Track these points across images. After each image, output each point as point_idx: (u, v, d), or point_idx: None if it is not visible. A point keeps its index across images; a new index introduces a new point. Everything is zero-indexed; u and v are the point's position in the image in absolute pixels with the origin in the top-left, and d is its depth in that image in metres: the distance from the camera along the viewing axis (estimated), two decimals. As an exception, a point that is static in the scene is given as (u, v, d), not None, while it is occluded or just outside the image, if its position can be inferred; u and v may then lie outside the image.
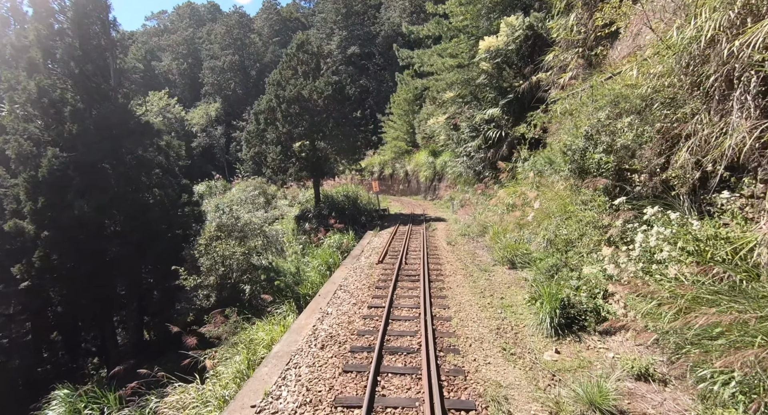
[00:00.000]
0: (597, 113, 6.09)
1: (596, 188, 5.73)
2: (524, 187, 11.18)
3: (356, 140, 19.87)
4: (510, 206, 11.20)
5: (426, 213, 20.50)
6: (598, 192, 5.73)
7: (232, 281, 11.01)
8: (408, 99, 35.72)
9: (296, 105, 18.01)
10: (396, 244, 12.11)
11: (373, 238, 14.18)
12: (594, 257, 5.51)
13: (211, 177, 44.11)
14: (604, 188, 5.63)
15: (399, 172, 34.97)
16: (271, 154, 17.69)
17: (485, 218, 12.16)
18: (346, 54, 53.19)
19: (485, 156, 13.90)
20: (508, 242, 9.13)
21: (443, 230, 14.36)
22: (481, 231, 11.98)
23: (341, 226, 16.66)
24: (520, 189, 11.11)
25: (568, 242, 7.04)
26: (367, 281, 7.97)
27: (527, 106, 12.74)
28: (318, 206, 19.46)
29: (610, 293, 4.85)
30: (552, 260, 7.03)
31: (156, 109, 54.67)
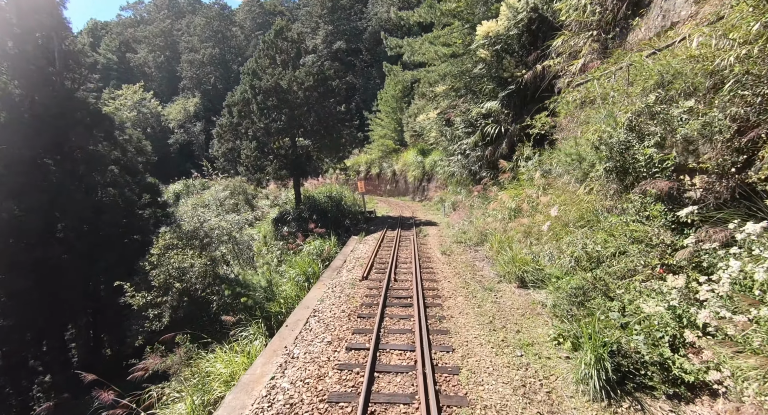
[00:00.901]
0: (643, 97, 4.72)
1: (647, 193, 4.37)
2: (530, 189, 9.84)
3: (340, 137, 18.29)
4: (514, 211, 9.84)
5: (415, 216, 19.07)
6: (649, 198, 4.37)
7: (189, 298, 9.32)
8: (396, 95, 34.29)
9: (274, 97, 16.32)
10: (383, 253, 10.61)
11: (357, 245, 12.65)
12: (649, 286, 4.12)
13: (189, 175, 41.75)
14: (659, 194, 4.27)
15: (386, 171, 33.51)
16: (246, 151, 15.94)
17: (484, 224, 10.78)
18: (332, 49, 51.42)
19: (482, 154, 12.54)
20: (516, 254, 7.74)
21: (436, 236, 12.94)
22: (480, 239, 10.60)
23: (322, 230, 15.06)
24: (525, 192, 9.76)
25: (596, 260, 5.68)
26: (348, 305, 6.44)
27: (530, 98, 11.43)
28: (298, 208, 17.80)
29: (685, 341, 3.46)
30: (575, 280, 5.66)
31: (130, 103, 51.84)
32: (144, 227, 14.24)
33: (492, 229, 9.97)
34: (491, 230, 10.00)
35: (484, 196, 12.52)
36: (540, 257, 7.14)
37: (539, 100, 11.45)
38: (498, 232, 9.51)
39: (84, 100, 13.52)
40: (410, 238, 12.51)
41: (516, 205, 9.83)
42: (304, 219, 17.00)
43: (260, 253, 12.67)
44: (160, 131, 53.41)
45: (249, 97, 16.27)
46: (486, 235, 10.31)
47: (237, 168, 16.80)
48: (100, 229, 12.64)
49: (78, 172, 13.33)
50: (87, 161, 13.24)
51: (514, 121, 12.03)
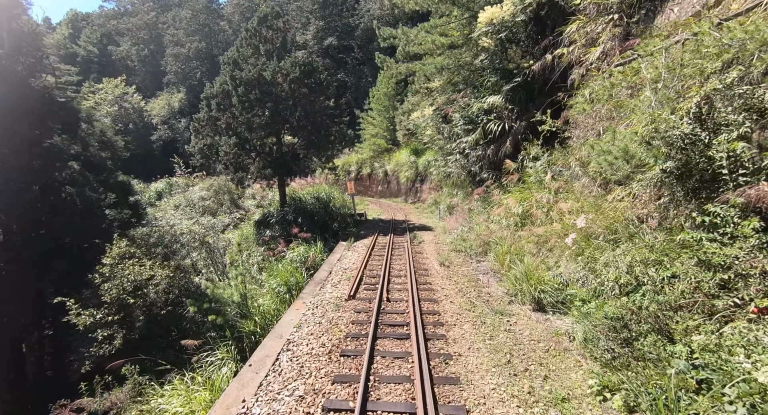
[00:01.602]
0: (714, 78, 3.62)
1: (731, 203, 3.25)
2: (539, 193, 8.74)
3: (329, 134, 17.01)
4: (521, 218, 8.72)
5: (408, 219, 17.90)
6: (732, 209, 3.25)
7: (147, 316, 7.98)
8: (388, 93, 33.13)
9: (256, 89, 14.97)
10: (374, 263, 9.40)
11: (345, 252, 11.42)
12: (740, 331, 2.99)
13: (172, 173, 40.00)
14: (750, 204, 3.16)
15: (378, 172, 32.31)
16: (225, 147, 14.56)
17: (487, 232, 9.65)
18: (323, 45, 50.04)
19: (483, 154, 11.43)
20: (529, 269, 6.61)
21: (431, 243, 11.77)
22: (483, 248, 9.47)
23: (308, 235, 13.77)
24: (534, 196, 8.66)
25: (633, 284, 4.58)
26: (330, 336, 5.21)
27: (538, 92, 10.36)
28: (282, 210, 16.48)
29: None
30: (611, 308, 4.55)
31: (111, 97, 49.65)
32: (108, 230, 12.76)
33: (497, 237, 8.83)
34: (496, 238, 8.87)
35: (486, 200, 11.40)
36: (564, 275, 6.00)
37: (548, 94, 10.38)
38: (504, 241, 8.38)
39: (40, 88, 12.01)
40: (404, 245, 11.33)
41: (524, 210, 8.71)
42: (288, 222, 15.69)
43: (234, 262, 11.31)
44: (142, 127, 51.36)
45: (229, 89, 14.90)
46: (489, 244, 9.17)
47: (216, 166, 15.39)
48: (52, 233, 11.16)
49: (33, 168, 11.83)
50: (41, 156, 11.74)
51: (519, 117, 10.94)
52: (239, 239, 16.95)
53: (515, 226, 8.72)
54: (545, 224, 7.99)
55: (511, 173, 10.20)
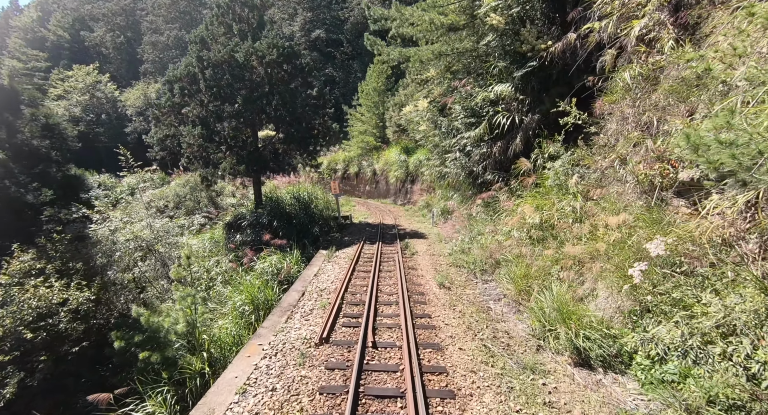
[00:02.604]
0: None
1: None
2: (560, 199, 7.12)
3: (312, 127, 15.15)
4: (541, 229, 7.08)
5: (398, 223, 16.18)
6: None
7: (53, 354, 6.03)
8: (378, 88, 31.37)
9: (227, 73, 13.02)
10: (358, 283, 7.61)
11: (325, 264, 9.62)
12: None
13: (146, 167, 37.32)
14: None
15: (366, 170, 30.51)
16: (189, 138, 12.55)
17: (497, 246, 7.99)
18: (310, 38, 47.94)
19: (489, 151, 9.77)
20: (561, 302, 4.96)
21: (426, 255, 10.07)
22: (491, 266, 7.80)
23: (283, 242, 11.91)
24: (559, 203, 7.03)
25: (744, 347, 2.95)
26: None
27: (557, 79, 8.76)
28: (255, 212, 14.54)
29: None
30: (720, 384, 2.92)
31: (82, 85, 46.46)
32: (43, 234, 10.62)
33: (511, 254, 7.16)
34: (509, 255, 7.20)
35: (490, 206, 9.76)
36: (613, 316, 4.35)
37: (568, 82, 8.79)
38: (521, 260, 6.71)
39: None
40: (394, 257, 9.58)
41: (542, 220, 7.06)
42: (262, 225, 13.78)
43: (182, 278, 9.22)
44: (116, 119, 48.27)
45: (195, 72, 12.88)
46: (500, 262, 7.50)
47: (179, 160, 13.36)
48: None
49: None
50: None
51: (532, 109, 9.33)
52: (207, 243, 14.97)
53: (533, 240, 7.07)
54: (573, 239, 6.37)
55: (525, 175, 8.55)
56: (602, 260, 5.10)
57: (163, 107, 13.18)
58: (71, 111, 45.14)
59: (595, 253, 5.28)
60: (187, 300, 7.21)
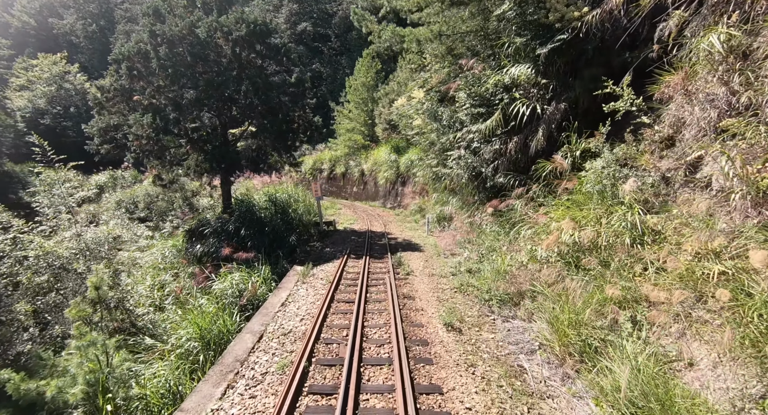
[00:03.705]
0: None
1: None
2: (618, 211, 5.30)
3: (291, 120, 13.10)
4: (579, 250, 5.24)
5: (389, 231, 14.25)
6: None
7: None
8: (367, 83, 29.42)
9: (186, 52, 10.88)
10: (336, 322, 5.62)
11: (298, 287, 7.63)
12: None
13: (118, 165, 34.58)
14: None
15: (353, 171, 28.51)
16: (136, 129, 10.36)
17: (518, 268, 6.14)
18: (296, 31, 45.71)
19: (503, 148, 7.93)
20: (648, 374, 3.10)
21: (424, 274, 8.16)
22: (513, 295, 5.94)
23: (250, 255, 9.86)
24: (596, 215, 5.20)
25: None
26: None
27: (592, 57, 6.96)
28: (221, 217, 12.42)
29: None
30: None
31: (47, 75, 43.10)
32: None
33: (544, 284, 5.30)
34: (542, 285, 5.34)
35: (504, 215, 7.91)
36: None
37: (605, 63, 7.02)
38: (564, 295, 4.85)
39: None
40: (384, 279, 7.64)
41: (586, 240, 5.22)
42: (228, 233, 11.66)
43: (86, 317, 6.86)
44: (86, 112, 44.93)
45: (147, 50, 10.70)
46: (525, 293, 5.64)
47: (125, 154, 11.13)
48: None
49: None
50: None
51: (557, 96, 7.54)
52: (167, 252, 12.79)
53: (576, 267, 5.23)
54: (633, 266, 4.55)
55: (555, 178, 6.70)
56: (692, 303, 3.27)
57: (108, 91, 10.95)
58: (35, 103, 41.84)
59: (682, 292, 3.45)
60: (89, 351, 5.10)
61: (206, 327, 6.78)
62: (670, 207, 5.07)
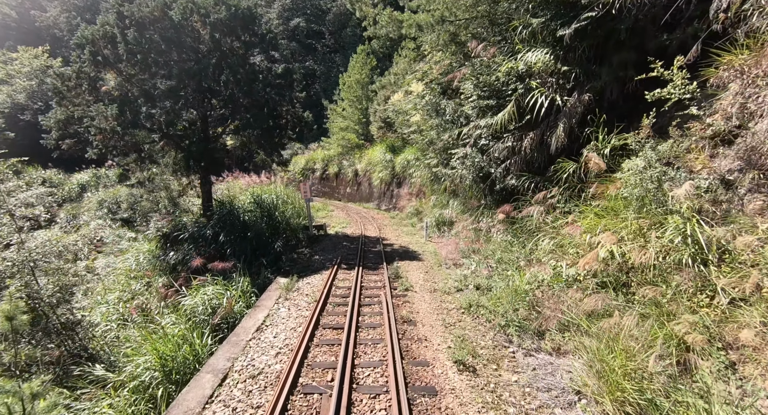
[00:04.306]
0: None
1: None
2: (673, 221, 4.30)
3: (278, 115, 11.99)
4: (623, 271, 4.22)
5: (384, 236, 13.17)
6: None
7: None
8: (362, 80, 28.31)
9: (158, 37, 9.71)
10: (319, 359, 4.51)
11: (278, 306, 6.52)
12: None
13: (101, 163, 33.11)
14: None
15: (347, 171, 27.40)
16: (98, 121, 9.17)
17: (539, 288, 5.10)
18: (289, 26, 44.46)
19: (516, 145, 6.91)
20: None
21: (426, 290, 7.10)
22: (535, 321, 4.90)
23: (227, 265, 8.74)
24: (677, 231, 4.18)
25: None
26: None
27: (626, 39, 5.94)
28: (198, 221, 11.26)
29: None
30: None
31: (28, 69, 41.34)
32: None
33: (581, 312, 4.27)
34: (577, 314, 4.31)
35: (517, 223, 6.88)
36: None
37: (637, 46, 6.02)
38: (614, 333, 3.80)
39: None
40: (380, 296, 6.56)
41: (639, 259, 4.19)
42: (205, 239, 10.50)
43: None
44: (68, 108, 43.24)
45: (114, 33, 9.52)
46: (550, 317, 4.61)
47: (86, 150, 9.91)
48: None
49: None
50: None
51: (580, 86, 6.53)
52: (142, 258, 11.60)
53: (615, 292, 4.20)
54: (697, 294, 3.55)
55: (590, 180, 5.66)
56: None
57: (69, 79, 9.73)
58: (14, 98, 40.14)
59: None
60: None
61: (169, 354, 5.67)
62: (736, 217, 4.08)
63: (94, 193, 29.19)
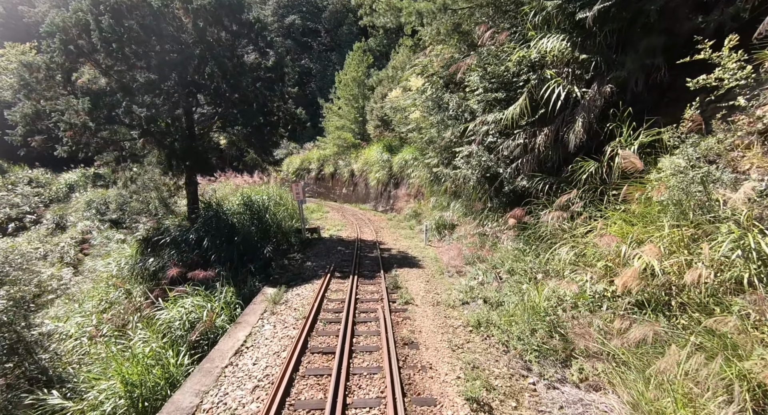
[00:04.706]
0: None
1: None
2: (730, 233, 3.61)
3: (268, 111, 11.24)
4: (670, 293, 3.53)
5: (381, 240, 12.46)
6: None
7: None
8: (358, 78, 27.56)
9: (136, 25, 8.94)
10: (306, 392, 3.79)
11: (263, 323, 5.78)
12: None
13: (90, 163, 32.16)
14: None
15: (343, 171, 26.66)
16: (69, 115, 8.39)
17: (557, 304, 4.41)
18: (284, 24, 43.64)
19: (529, 143, 6.22)
20: None
21: (428, 303, 6.39)
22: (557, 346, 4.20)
23: (210, 274, 8.01)
24: (733, 244, 3.47)
25: None
26: None
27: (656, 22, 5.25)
28: (180, 225, 10.50)
29: None
30: None
31: (14, 66, 40.18)
32: None
33: (623, 342, 3.56)
34: (617, 347, 3.61)
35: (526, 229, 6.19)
36: None
37: (667, 29, 5.35)
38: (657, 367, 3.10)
39: None
40: (377, 311, 5.84)
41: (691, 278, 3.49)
42: (188, 244, 9.73)
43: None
44: (57, 106, 42.18)
45: (87, 20, 8.74)
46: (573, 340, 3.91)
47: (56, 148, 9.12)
48: None
49: None
50: None
51: (600, 76, 5.85)
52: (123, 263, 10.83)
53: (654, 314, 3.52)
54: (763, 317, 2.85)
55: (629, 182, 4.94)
56: None
57: (38, 70, 8.94)
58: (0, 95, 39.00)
59: None
60: None
61: (136, 379, 4.95)
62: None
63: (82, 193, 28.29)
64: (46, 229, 24.02)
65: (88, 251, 19.89)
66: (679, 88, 5.89)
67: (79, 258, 19.02)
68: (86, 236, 22.29)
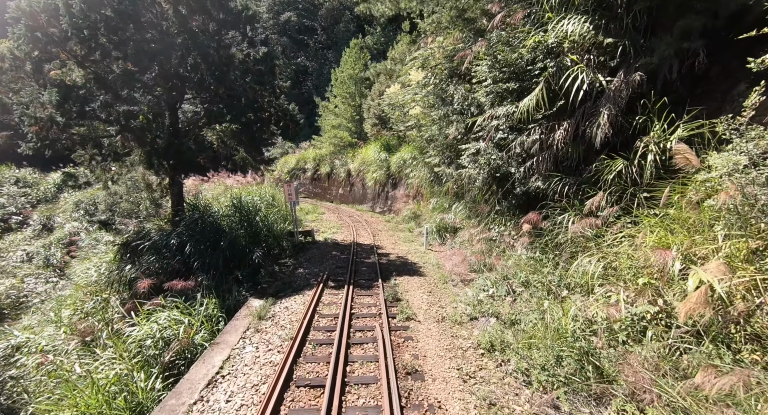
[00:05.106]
0: None
1: None
2: None
3: (259, 107, 10.49)
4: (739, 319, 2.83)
5: (379, 244, 11.73)
6: None
7: None
8: (355, 76, 26.85)
9: (111, 11, 8.17)
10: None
11: (245, 343, 5.04)
12: None
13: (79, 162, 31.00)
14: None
15: (339, 171, 25.93)
16: (33, 109, 7.63)
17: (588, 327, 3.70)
18: (279, 20, 42.83)
19: (546, 138, 5.52)
20: None
21: (431, 319, 5.68)
22: (595, 386, 3.49)
23: (189, 284, 7.27)
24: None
25: None
26: None
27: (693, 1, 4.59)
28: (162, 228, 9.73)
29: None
30: None
31: (1, 63, 39.14)
32: None
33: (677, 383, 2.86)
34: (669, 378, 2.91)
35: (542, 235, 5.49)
36: None
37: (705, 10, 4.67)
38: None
39: None
40: (374, 330, 5.12)
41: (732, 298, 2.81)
42: (170, 249, 8.97)
43: None
44: (46, 105, 41.13)
45: (56, 4, 7.96)
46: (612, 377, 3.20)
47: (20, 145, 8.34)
48: None
49: None
50: None
51: (627, 63, 5.16)
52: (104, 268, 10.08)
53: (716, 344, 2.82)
54: None
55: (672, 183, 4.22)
56: None
57: (2, 59, 8.16)
58: None
59: None
60: None
61: (95, 410, 4.23)
62: None
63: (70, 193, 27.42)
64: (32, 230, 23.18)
65: (75, 254, 19.06)
66: (713, 77, 5.24)
67: (65, 260, 18.21)
68: (74, 238, 21.41)
